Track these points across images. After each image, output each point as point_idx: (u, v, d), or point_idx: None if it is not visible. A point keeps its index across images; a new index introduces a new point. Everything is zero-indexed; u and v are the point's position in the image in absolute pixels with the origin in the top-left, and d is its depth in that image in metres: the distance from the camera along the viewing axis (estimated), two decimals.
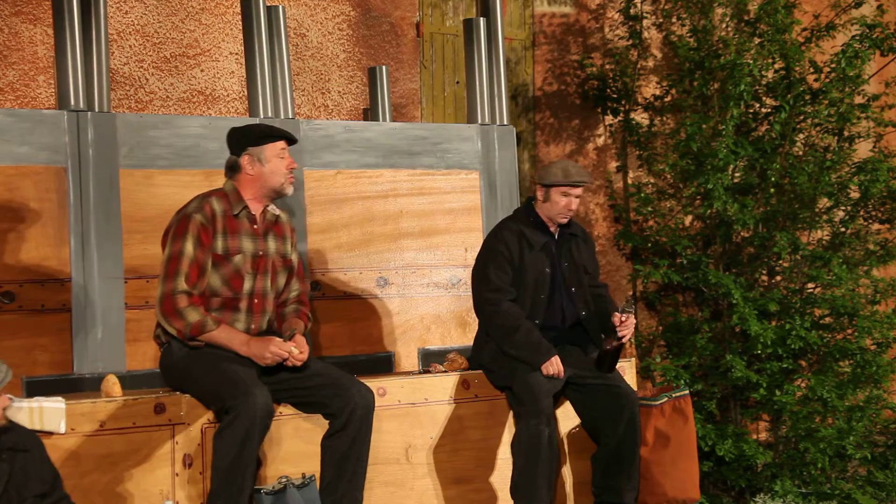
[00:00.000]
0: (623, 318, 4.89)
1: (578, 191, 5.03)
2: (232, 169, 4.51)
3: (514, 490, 4.75)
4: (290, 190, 4.56)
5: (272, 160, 4.48)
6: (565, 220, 5.08)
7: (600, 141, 8.25)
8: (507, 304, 4.92)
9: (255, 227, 4.49)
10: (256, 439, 4.17)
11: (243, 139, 4.50)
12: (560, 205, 5.02)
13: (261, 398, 4.15)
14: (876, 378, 6.96)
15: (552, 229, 5.10)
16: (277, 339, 4.36)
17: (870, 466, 6.97)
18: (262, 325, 4.51)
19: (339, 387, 4.40)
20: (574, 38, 8.20)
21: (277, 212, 4.60)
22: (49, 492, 3.82)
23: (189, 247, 4.32)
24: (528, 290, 4.97)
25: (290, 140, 4.56)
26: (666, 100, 7.90)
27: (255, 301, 4.48)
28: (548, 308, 5.01)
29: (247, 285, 4.44)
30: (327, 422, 4.44)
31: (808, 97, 7.20)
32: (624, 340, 4.91)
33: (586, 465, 5.07)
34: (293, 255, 4.65)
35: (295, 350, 4.34)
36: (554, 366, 4.82)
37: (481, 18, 6.03)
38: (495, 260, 4.99)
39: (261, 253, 4.49)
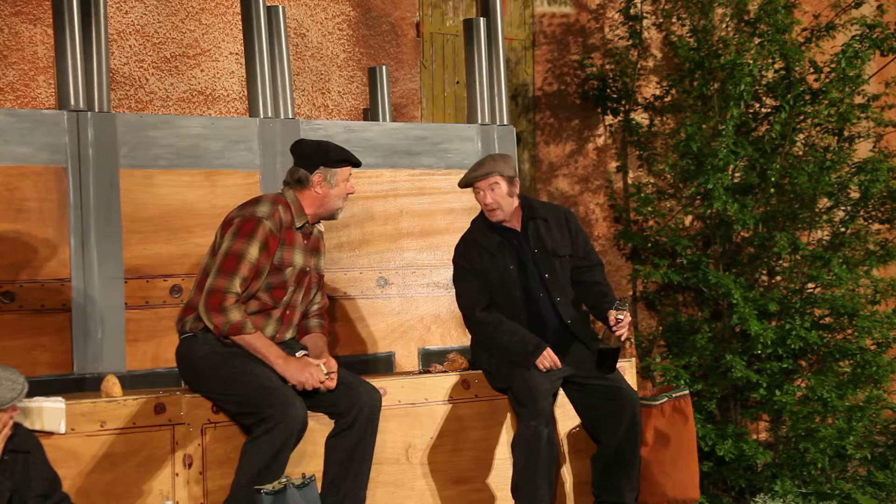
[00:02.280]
0: (619, 317, 4.82)
1: (486, 183, 4.91)
2: (299, 182, 4.49)
3: (515, 490, 4.75)
4: (341, 215, 4.60)
5: (340, 184, 4.51)
6: (495, 217, 4.94)
7: (600, 141, 8.26)
8: (479, 314, 4.90)
9: (306, 242, 4.52)
10: (290, 451, 4.21)
11: (318, 157, 4.49)
12: (480, 203, 4.98)
13: (300, 411, 4.19)
14: (876, 378, 6.97)
15: (510, 224, 5.01)
16: (314, 364, 4.35)
17: (870, 466, 6.97)
18: (285, 336, 4.52)
19: (346, 386, 4.41)
20: (574, 38, 8.20)
21: (322, 228, 4.64)
22: (50, 493, 3.82)
23: (254, 251, 4.31)
24: (499, 293, 4.93)
25: (356, 165, 4.60)
26: (666, 100, 7.90)
27: (287, 312, 4.50)
28: (527, 303, 4.95)
29: (286, 297, 4.46)
30: (332, 421, 4.44)
31: (808, 97, 7.20)
32: (622, 340, 4.88)
33: (586, 465, 5.07)
34: (324, 271, 4.68)
35: (328, 378, 4.37)
36: (547, 359, 4.81)
37: (481, 18, 6.02)
38: (458, 275, 5.01)
39: (307, 269, 4.51)
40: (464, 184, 5.00)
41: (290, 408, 4.16)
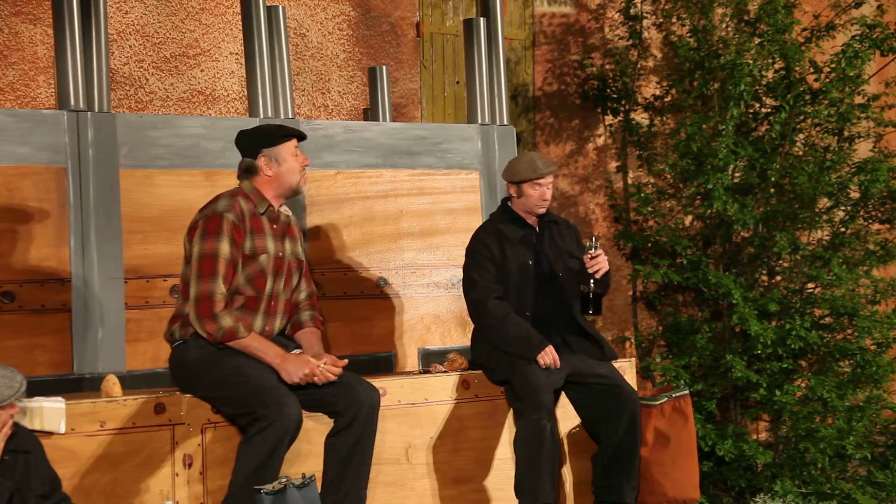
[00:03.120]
0: (592, 255, 4.96)
1: (550, 179, 5.08)
2: (248, 171, 4.51)
3: (519, 487, 4.74)
4: (304, 187, 4.61)
5: (288, 159, 4.50)
6: (543, 210, 5.12)
7: (600, 141, 8.25)
8: (492, 301, 4.94)
9: (275, 227, 4.52)
10: (285, 449, 4.21)
11: (257, 141, 4.51)
12: (535, 197, 5.08)
13: (294, 409, 4.18)
14: (876, 378, 6.97)
15: (531, 221, 5.13)
16: (312, 360, 4.35)
17: (870, 466, 6.97)
18: (274, 328, 4.52)
19: (344, 385, 4.41)
20: (574, 38, 8.20)
21: (289, 212, 4.63)
22: (50, 493, 3.82)
23: (225, 246, 4.32)
24: (514, 284, 4.99)
25: (301, 137, 4.58)
26: (666, 100, 7.90)
27: (272, 303, 4.50)
28: (537, 298, 5.01)
29: (268, 286, 4.45)
30: (331, 421, 4.44)
31: (808, 97, 7.20)
32: (598, 276, 4.97)
33: (586, 465, 5.07)
34: (303, 256, 4.67)
35: (327, 372, 4.36)
36: (549, 355, 4.84)
37: (481, 18, 6.02)
38: (476, 261, 5.03)
39: (280, 254, 4.51)
40: (541, 174, 5.06)
41: (283, 406, 4.15)
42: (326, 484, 4.41)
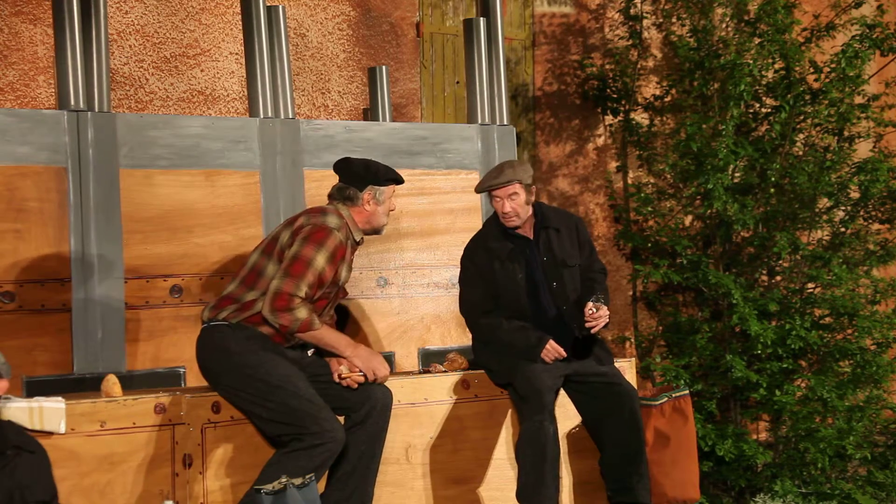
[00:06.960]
0: (593, 310, 4.80)
1: (505, 192, 4.85)
2: (350, 199, 4.57)
3: (522, 491, 4.70)
4: (385, 230, 4.73)
5: (387, 202, 4.62)
6: (511, 224, 4.91)
7: (600, 141, 8.26)
8: (481, 318, 4.92)
9: (352, 257, 4.60)
10: (326, 468, 4.32)
11: (369, 175, 4.59)
12: (497, 209, 4.92)
13: (342, 433, 4.30)
14: (876, 378, 6.97)
15: (522, 232, 4.97)
16: (380, 355, 4.51)
17: (870, 466, 6.98)
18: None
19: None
20: (574, 38, 8.20)
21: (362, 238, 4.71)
22: (48, 502, 3.82)
23: (322, 261, 4.36)
24: (508, 299, 4.93)
25: (401, 183, 4.71)
26: (666, 100, 7.91)
27: None
28: (534, 309, 4.95)
29: (321, 311, 4.50)
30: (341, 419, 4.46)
31: (808, 97, 7.21)
32: (592, 332, 4.85)
33: (586, 465, 5.07)
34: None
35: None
36: (552, 351, 4.82)
37: (481, 18, 6.02)
38: (465, 278, 5.01)
39: (343, 283, 4.57)
40: (481, 189, 4.97)
41: (338, 431, 4.26)
42: (334, 480, 4.42)
